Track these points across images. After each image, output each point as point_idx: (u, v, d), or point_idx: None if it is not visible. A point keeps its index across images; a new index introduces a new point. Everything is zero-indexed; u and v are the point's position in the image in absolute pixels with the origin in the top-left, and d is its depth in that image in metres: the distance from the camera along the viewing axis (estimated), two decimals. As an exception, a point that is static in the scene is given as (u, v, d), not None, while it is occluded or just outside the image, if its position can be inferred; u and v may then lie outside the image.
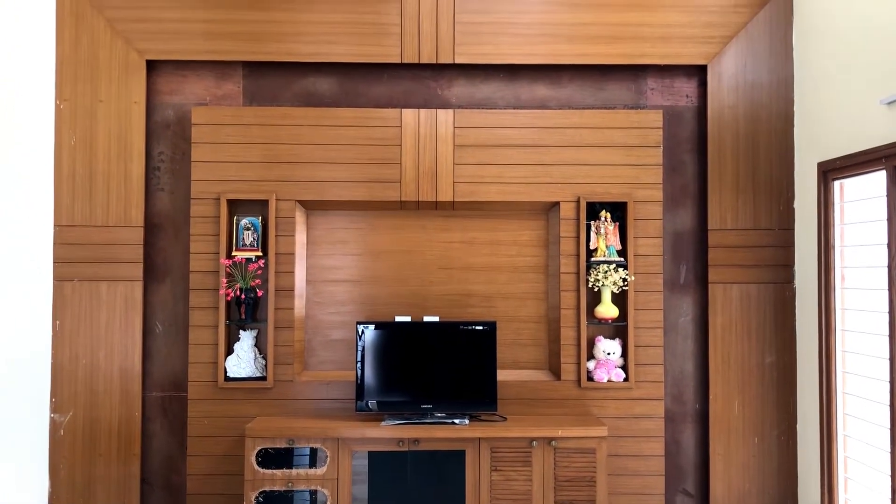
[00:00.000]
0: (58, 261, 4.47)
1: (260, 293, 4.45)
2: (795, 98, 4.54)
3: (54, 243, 4.47)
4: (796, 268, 4.53)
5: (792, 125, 4.56)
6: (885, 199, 3.63)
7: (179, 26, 4.51)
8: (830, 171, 4.14)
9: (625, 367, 4.51)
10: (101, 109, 4.49)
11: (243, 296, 4.43)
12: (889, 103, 3.58)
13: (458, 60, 4.58)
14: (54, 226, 4.47)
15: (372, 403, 4.36)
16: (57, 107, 4.47)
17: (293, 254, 4.51)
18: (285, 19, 4.52)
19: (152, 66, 4.58)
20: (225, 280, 4.40)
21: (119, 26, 4.49)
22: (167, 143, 4.62)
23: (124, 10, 4.49)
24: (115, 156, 4.49)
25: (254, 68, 4.64)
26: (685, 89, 4.70)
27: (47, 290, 4.44)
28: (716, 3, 4.56)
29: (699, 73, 4.66)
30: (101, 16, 4.49)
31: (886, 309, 3.60)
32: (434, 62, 4.58)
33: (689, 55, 4.59)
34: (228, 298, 4.43)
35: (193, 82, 4.64)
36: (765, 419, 4.55)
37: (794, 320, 4.54)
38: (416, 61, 4.58)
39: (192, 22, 4.51)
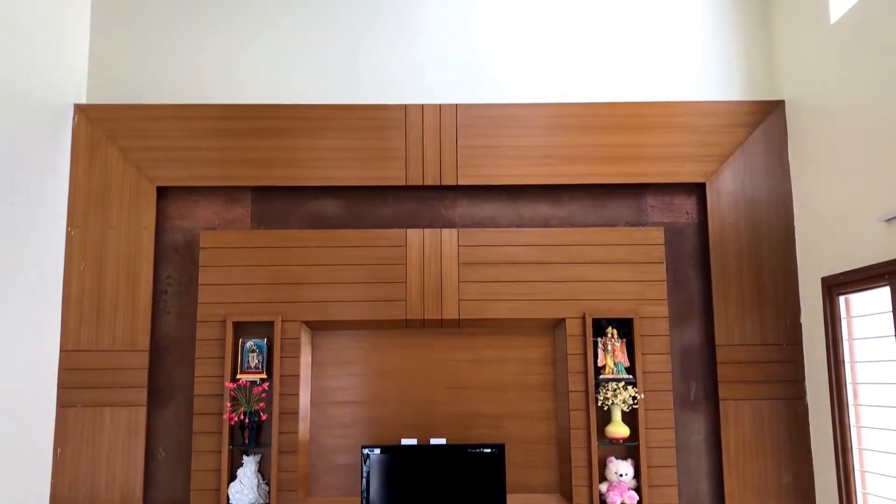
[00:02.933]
0: (62, 386, 4.44)
1: (264, 417, 4.39)
2: (795, 214, 4.61)
3: (59, 368, 4.45)
4: (807, 383, 4.47)
5: (793, 240, 4.60)
6: (891, 314, 3.62)
7: (190, 154, 4.65)
8: (835, 287, 4.15)
9: (638, 489, 4.38)
10: (111, 235, 4.57)
11: (247, 420, 4.37)
12: (888, 220, 3.62)
13: (462, 182, 4.68)
14: (60, 351, 4.47)
15: (378, 531, 4.22)
16: (68, 233, 4.56)
17: (298, 375, 4.47)
18: (293, 146, 4.66)
19: (163, 192, 4.69)
20: (229, 404, 4.35)
21: (132, 155, 4.63)
22: (175, 266, 4.67)
23: (137, 139, 4.64)
24: (124, 280, 4.54)
25: (262, 192, 4.75)
26: (685, 206, 4.78)
27: (50, 418, 4.39)
28: (711, 123, 4.69)
29: (698, 190, 4.75)
30: (114, 145, 4.64)
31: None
32: (438, 184, 4.68)
33: (687, 174, 4.69)
34: (232, 423, 4.37)
35: (203, 207, 4.74)
36: (786, 542, 4.39)
37: (809, 438, 4.44)
38: (421, 183, 4.68)
39: (202, 150, 4.65)
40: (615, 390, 4.36)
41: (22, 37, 4.16)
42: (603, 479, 4.44)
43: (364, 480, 4.27)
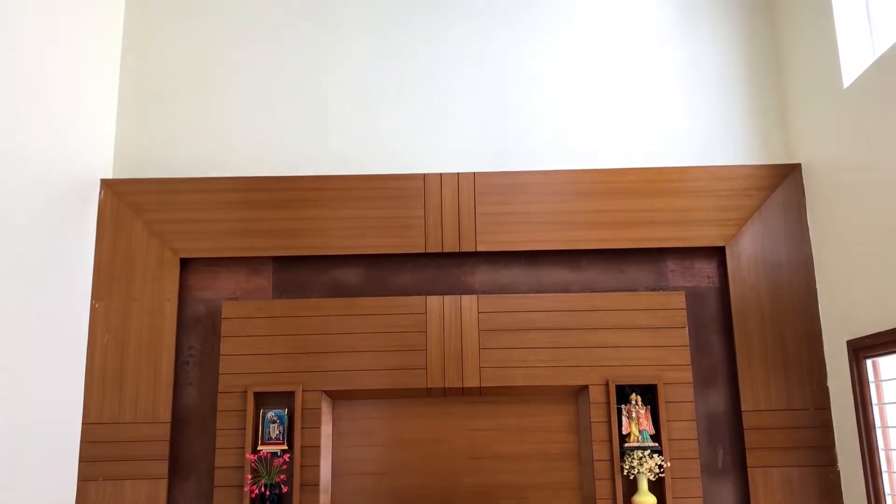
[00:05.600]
0: (83, 459, 4.43)
1: (285, 489, 4.34)
2: (817, 276, 4.58)
3: (81, 441, 4.45)
4: (837, 449, 4.37)
5: (816, 303, 4.56)
6: (921, 380, 3.56)
7: (212, 226, 4.72)
8: (861, 350, 4.09)
9: (667, 562, 4.27)
10: (134, 307, 4.62)
11: (268, 492, 4.32)
12: (912, 284, 3.60)
13: (481, 248, 4.71)
14: (82, 424, 4.47)
15: None
16: (92, 306, 4.61)
17: (319, 446, 4.44)
18: (314, 216, 4.72)
19: (185, 264, 4.75)
20: (250, 476, 4.31)
21: (156, 227, 4.71)
22: (197, 337, 4.70)
23: (161, 212, 4.73)
24: (146, 352, 4.56)
25: (283, 262, 4.80)
26: (706, 270, 4.77)
27: (71, 492, 4.36)
28: (729, 187, 4.71)
29: (718, 254, 4.75)
30: (139, 218, 4.72)
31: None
32: (457, 250, 4.71)
33: (706, 237, 4.69)
34: (253, 495, 4.32)
35: (225, 277, 4.79)
36: None
37: (842, 506, 4.33)
38: (440, 250, 4.71)
39: (224, 221, 4.72)
40: (641, 459, 4.28)
41: (52, 114, 4.30)
42: (631, 551, 4.33)
43: (386, 555, 4.19)
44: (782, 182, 4.71)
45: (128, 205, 4.74)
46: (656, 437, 4.42)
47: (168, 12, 5.14)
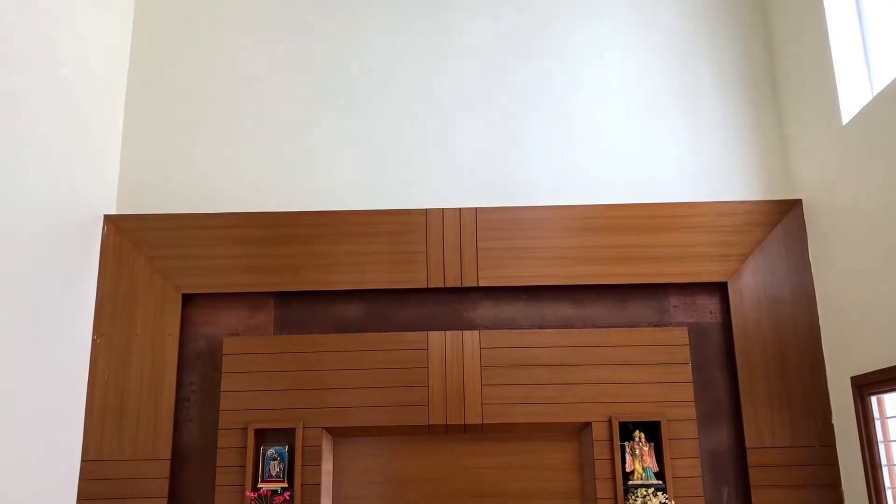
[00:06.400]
0: (82, 497, 4.39)
1: (285, 528, 4.30)
2: (819, 312, 4.57)
3: (80, 479, 4.41)
4: (843, 488, 4.32)
5: (819, 339, 4.54)
6: (926, 418, 3.53)
7: (214, 262, 4.73)
8: (865, 386, 4.06)
9: None
10: (135, 343, 4.61)
11: (268, 531, 4.28)
12: (915, 320, 3.58)
13: (482, 284, 4.71)
14: (82, 461, 4.44)
15: None
16: (94, 341, 4.60)
17: (319, 484, 4.40)
18: (315, 252, 4.73)
19: (187, 300, 4.75)
20: (250, 514, 4.28)
21: (158, 263, 4.72)
22: (198, 373, 4.68)
23: (163, 248, 4.74)
24: (147, 388, 4.55)
25: (285, 298, 4.80)
26: (708, 305, 4.76)
27: (69, 531, 4.33)
28: (730, 223, 4.71)
29: (720, 289, 4.74)
30: (142, 254, 4.74)
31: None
32: (459, 286, 4.71)
33: (708, 273, 4.69)
34: (253, 534, 4.28)
35: (226, 313, 4.78)
36: None
37: (850, 546, 4.27)
38: (442, 286, 4.71)
39: (226, 258, 4.73)
40: (645, 497, 4.24)
41: (55, 150, 4.32)
42: (635, 592, 4.26)
43: None
44: (783, 218, 4.72)
45: (130, 240, 4.76)
46: (660, 475, 4.38)
47: (172, 49, 5.21)
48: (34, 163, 4.11)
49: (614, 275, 4.71)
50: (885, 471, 3.95)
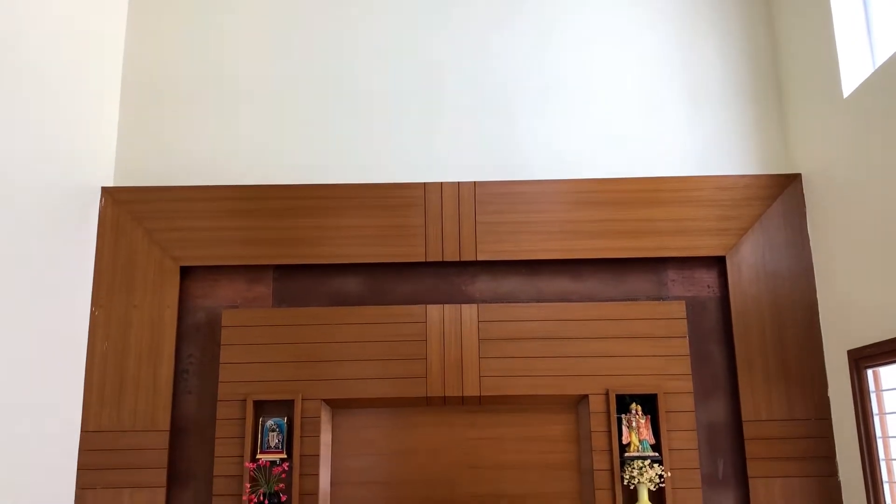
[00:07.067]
0: (82, 467, 4.42)
1: (284, 498, 4.33)
2: (817, 286, 4.58)
3: (80, 449, 4.44)
4: (839, 460, 4.36)
5: (817, 313, 4.56)
6: (922, 390, 3.55)
7: (213, 234, 4.72)
8: (861, 360, 4.08)
9: (668, 573, 4.24)
10: (134, 315, 4.61)
11: (267, 501, 4.31)
12: (912, 294, 3.59)
13: (481, 258, 4.71)
14: (81, 431, 4.46)
15: None
16: (92, 313, 4.61)
17: (318, 455, 4.42)
18: (314, 225, 4.72)
19: (186, 272, 4.75)
20: (248, 485, 4.30)
21: (156, 236, 4.72)
22: (197, 345, 4.69)
23: (162, 220, 4.73)
24: (146, 360, 4.56)
25: (284, 271, 4.80)
26: (706, 280, 4.76)
27: (69, 500, 4.35)
28: (729, 197, 4.71)
29: (718, 263, 4.74)
30: (140, 226, 4.73)
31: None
32: (457, 260, 4.71)
33: (706, 247, 4.68)
34: (252, 504, 4.31)
35: (225, 286, 4.78)
36: None
37: (844, 516, 4.31)
38: (440, 259, 4.71)
39: (224, 230, 4.72)
40: (641, 468, 4.27)
41: (53, 122, 4.31)
42: (631, 562, 4.30)
43: (385, 565, 4.17)
44: (783, 192, 4.71)
45: (128, 213, 4.74)
46: (656, 447, 4.41)
47: (170, 21, 5.17)
48: (31, 135, 4.09)
49: (613, 249, 4.71)
50: (879, 442, 3.98)
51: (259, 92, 5.06)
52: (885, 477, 3.94)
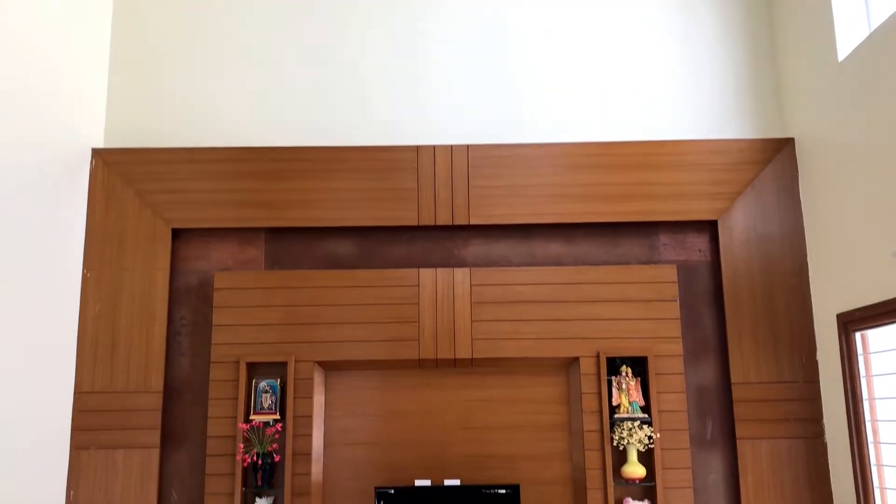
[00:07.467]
0: (76, 428, 4.44)
1: (277, 458, 4.37)
2: (808, 250, 4.60)
3: (74, 410, 4.46)
4: (825, 422, 4.42)
5: (807, 277, 4.58)
6: (909, 352, 3.59)
7: (205, 196, 4.70)
8: (850, 323, 4.12)
9: (656, 531, 4.32)
10: (126, 277, 4.61)
11: (260, 461, 4.35)
12: (901, 256, 3.61)
13: (474, 222, 4.71)
14: (75, 392, 4.48)
15: (392, 575, 4.17)
16: (84, 276, 4.60)
17: (311, 416, 4.46)
18: (307, 188, 4.70)
19: (177, 234, 4.74)
20: (242, 445, 4.33)
21: (148, 198, 4.69)
22: (189, 307, 4.69)
23: (153, 182, 4.71)
24: (138, 322, 4.56)
25: (276, 233, 4.79)
26: (697, 244, 4.78)
27: (63, 460, 4.38)
28: (722, 161, 4.71)
29: (710, 227, 4.76)
30: (131, 188, 4.70)
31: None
32: (450, 224, 4.70)
33: (698, 211, 4.69)
34: (245, 464, 4.34)
35: (217, 248, 4.77)
36: (808, 586, 4.30)
37: (829, 477, 4.37)
38: (433, 223, 4.70)
39: (216, 192, 4.70)
40: (630, 430, 4.32)
41: (42, 84, 4.26)
42: (620, 520, 4.38)
43: (378, 523, 4.23)
44: (776, 156, 4.71)
45: (119, 174, 4.71)
46: (646, 409, 4.46)
47: (159, -20, 5.09)
48: (19, 96, 4.04)
49: (605, 213, 4.71)
50: (866, 404, 4.03)
51: (251, 53, 5.01)
52: (870, 437, 3.99)
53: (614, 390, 4.49)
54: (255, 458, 4.33)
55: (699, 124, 4.90)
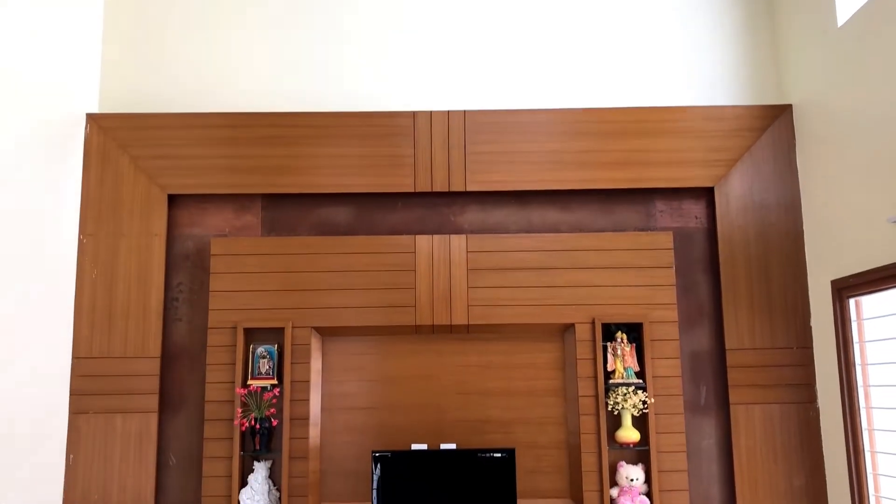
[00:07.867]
0: (74, 393, 4.47)
1: (275, 422, 4.41)
2: (804, 217, 4.61)
3: (72, 375, 4.48)
4: (818, 387, 4.46)
5: (802, 243, 4.60)
6: (902, 317, 3.62)
7: (200, 162, 4.68)
8: (844, 289, 4.14)
9: (649, 494, 4.37)
10: (122, 243, 4.60)
11: (258, 426, 4.39)
12: (896, 222, 3.62)
13: (470, 188, 4.70)
14: (73, 358, 4.50)
15: (389, 537, 4.23)
16: (80, 241, 4.59)
17: (308, 381, 4.49)
18: (303, 154, 4.69)
19: (173, 200, 4.73)
20: (240, 410, 4.37)
21: (143, 163, 4.67)
22: (186, 273, 4.70)
23: (148, 148, 4.68)
24: (135, 288, 4.57)
25: (272, 200, 4.78)
26: (694, 211, 4.78)
27: (62, 424, 4.41)
28: (719, 128, 4.69)
29: (707, 194, 4.76)
30: (125, 154, 4.68)
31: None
32: (447, 190, 4.70)
33: (695, 178, 4.69)
34: (243, 429, 4.38)
35: (213, 214, 4.77)
36: (798, 547, 4.37)
37: (821, 442, 4.42)
38: (430, 190, 4.70)
39: (212, 158, 4.69)
40: (625, 395, 4.36)
41: (35, 48, 4.22)
42: (613, 484, 4.43)
43: (375, 486, 4.28)
44: (773, 123, 4.70)
45: (114, 140, 4.69)
46: (641, 375, 4.49)
47: (152, -57, 5.02)
48: (11, 59, 4.00)
49: (602, 179, 4.71)
50: (858, 370, 4.07)
51: (247, 17, 4.96)
52: (862, 403, 4.04)
53: (609, 356, 4.52)
54: (252, 422, 4.37)
55: (697, 91, 4.88)
